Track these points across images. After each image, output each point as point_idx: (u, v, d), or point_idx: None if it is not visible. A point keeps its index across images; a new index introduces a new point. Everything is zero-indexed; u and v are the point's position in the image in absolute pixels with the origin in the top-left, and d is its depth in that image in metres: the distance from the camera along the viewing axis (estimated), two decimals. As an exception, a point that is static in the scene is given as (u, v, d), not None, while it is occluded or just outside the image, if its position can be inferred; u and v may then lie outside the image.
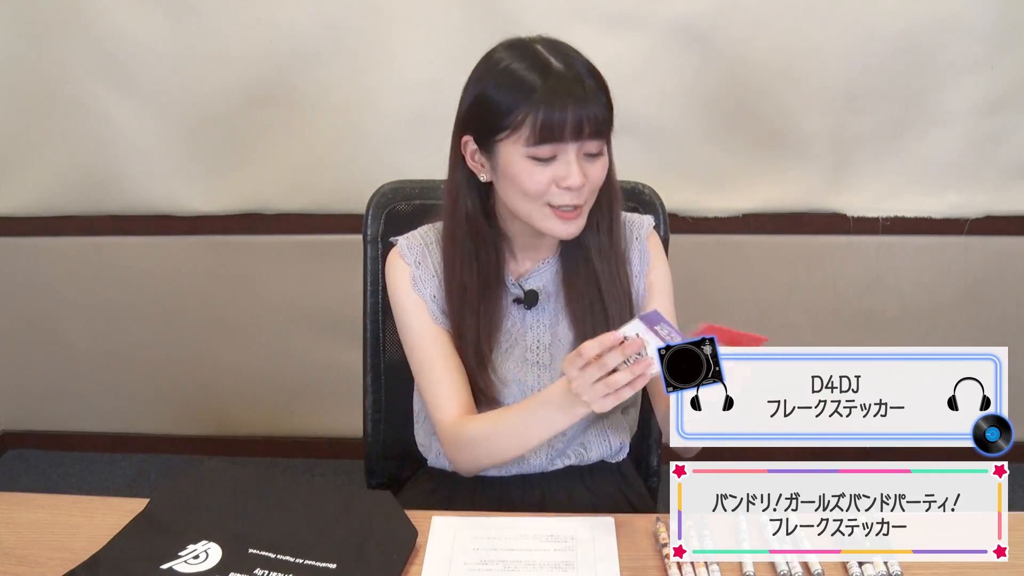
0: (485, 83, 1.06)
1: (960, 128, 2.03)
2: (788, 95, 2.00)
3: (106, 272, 2.29)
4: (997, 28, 1.92)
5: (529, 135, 1.02)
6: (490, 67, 1.07)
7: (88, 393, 2.46)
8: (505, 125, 1.03)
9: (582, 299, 1.16)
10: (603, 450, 1.25)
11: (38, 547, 1.02)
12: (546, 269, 1.18)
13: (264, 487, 1.09)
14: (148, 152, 2.11)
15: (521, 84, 1.02)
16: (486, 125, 1.06)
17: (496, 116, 1.04)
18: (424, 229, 1.22)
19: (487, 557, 1.00)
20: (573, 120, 1.01)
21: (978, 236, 2.13)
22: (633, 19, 1.93)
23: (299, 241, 2.21)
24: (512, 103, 1.02)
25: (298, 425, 2.46)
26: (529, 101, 1.01)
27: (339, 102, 2.04)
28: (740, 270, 2.21)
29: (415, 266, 1.17)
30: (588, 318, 1.16)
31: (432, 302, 1.17)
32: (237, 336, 2.34)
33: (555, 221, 1.08)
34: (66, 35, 1.99)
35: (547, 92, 1.01)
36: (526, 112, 1.02)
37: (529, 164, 1.04)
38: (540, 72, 1.02)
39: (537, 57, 1.04)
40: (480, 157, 1.10)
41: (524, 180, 1.05)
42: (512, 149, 1.04)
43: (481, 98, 1.06)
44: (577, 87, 1.02)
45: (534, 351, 1.18)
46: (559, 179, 1.04)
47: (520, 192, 1.06)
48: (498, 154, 1.06)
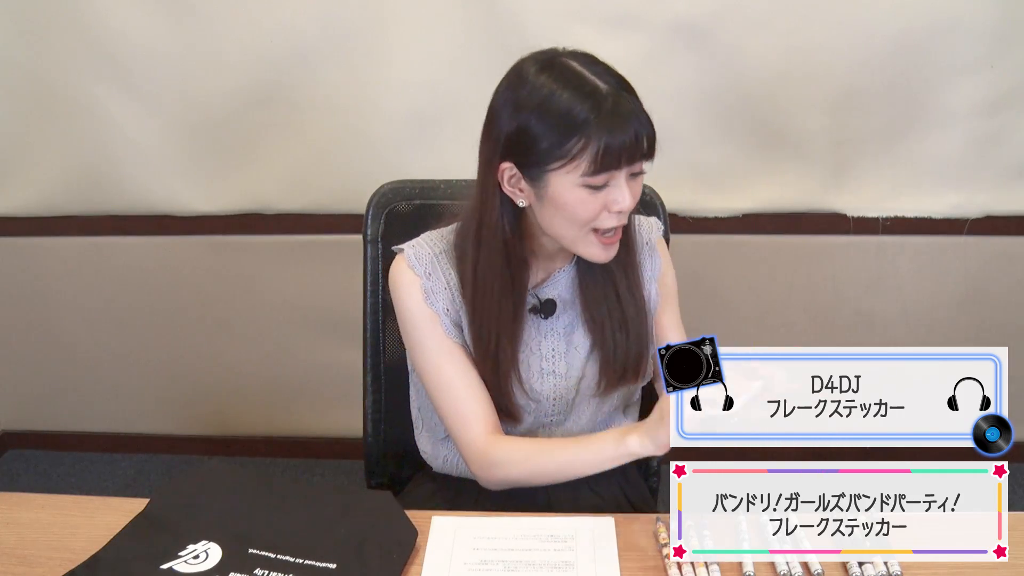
0: (529, 112, 1.00)
1: (960, 128, 2.02)
2: (788, 95, 2.00)
3: (106, 272, 2.29)
4: (997, 28, 1.92)
5: (588, 166, 0.98)
6: (532, 94, 1.00)
7: (88, 393, 2.46)
8: (558, 156, 0.99)
9: (600, 305, 1.15)
10: None
11: (38, 547, 1.02)
12: (562, 277, 1.16)
13: (264, 487, 1.09)
14: (148, 152, 2.11)
15: (574, 114, 0.97)
16: (534, 156, 1.01)
17: (548, 148, 0.99)
18: (430, 237, 1.17)
19: (487, 557, 1.00)
20: (631, 145, 0.98)
21: (978, 236, 2.13)
22: (633, 19, 1.93)
23: (299, 241, 2.21)
24: (566, 134, 0.98)
25: (298, 425, 2.46)
26: (585, 132, 0.97)
27: (339, 102, 2.04)
28: (740, 270, 2.21)
29: (426, 278, 1.13)
30: (607, 324, 1.15)
31: (445, 315, 1.13)
32: (237, 336, 2.34)
33: (598, 247, 1.06)
34: (66, 35, 1.99)
35: (604, 121, 0.97)
36: (583, 143, 0.98)
37: (583, 193, 1.00)
38: (591, 98, 0.98)
39: (581, 80, 0.99)
40: (523, 184, 1.05)
41: (577, 209, 1.01)
42: (565, 179, 1.00)
43: (527, 128, 1.00)
44: (628, 109, 0.98)
45: (549, 360, 1.17)
46: (610, 204, 1.02)
47: (568, 220, 1.03)
48: (547, 184, 1.02)
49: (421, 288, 1.12)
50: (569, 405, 1.19)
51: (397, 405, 1.35)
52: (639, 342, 1.16)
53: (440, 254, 1.14)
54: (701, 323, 2.46)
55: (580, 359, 1.17)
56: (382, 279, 1.32)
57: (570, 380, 1.17)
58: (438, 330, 1.13)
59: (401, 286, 1.14)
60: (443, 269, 1.13)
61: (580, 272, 1.16)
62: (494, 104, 1.05)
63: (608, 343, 1.15)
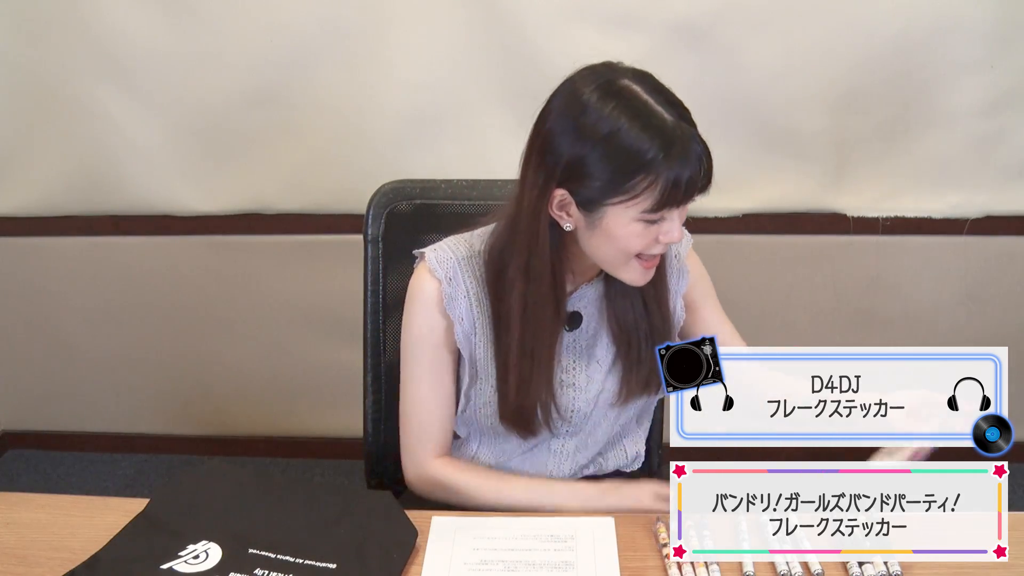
0: (594, 144, 0.96)
1: (960, 128, 2.02)
2: (788, 95, 2.00)
3: (106, 272, 2.29)
4: (997, 28, 1.92)
5: (650, 203, 0.96)
6: (597, 125, 0.96)
7: (88, 393, 2.46)
8: (621, 191, 0.96)
9: (626, 318, 1.14)
10: (619, 460, 1.26)
11: (38, 547, 1.02)
12: (589, 290, 1.14)
13: (264, 487, 1.09)
14: (148, 152, 2.11)
15: (643, 152, 0.94)
16: (594, 188, 0.98)
17: (611, 183, 0.96)
18: (453, 242, 1.14)
19: (487, 557, 1.00)
20: (695, 181, 0.97)
21: (978, 236, 2.13)
22: (633, 19, 1.93)
23: (299, 241, 2.21)
24: (632, 171, 0.95)
25: (298, 425, 2.46)
26: (653, 170, 0.95)
27: (339, 102, 2.04)
28: (740, 270, 2.21)
29: (446, 283, 1.11)
30: (633, 335, 1.14)
31: (459, 324, 1.11)
32: (237, 336, 2.34)
33: (639, 272, 1.05)
34: (66, 35, 1.99)
35: (673, 159, 0.94)
36: (649, 181, 0.95)
37: (638, 227, 0.99)
38: (660, 135, 0.94)
39: (649, 112, 0.95)
40: (572, 210, 1.01)
41: (630, 242, 1.00)
42: (623, 213, 0.98)
43: (590, 160, 0.97)
44: (695, 145, 0.96)
45: (569, 372, 1.16)
46: (661, 235, 1.01)
47: (616, 249, 1.02)
48: (602, 216, 0.99)
49: (438, 292, 1.11)
50: (585, 418, 1.18)
51: (397, 405, 1.35)
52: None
53: (462, 260, 1.12)
54: (701, 323, 2.43)
55: (600, 372, 1.16)
56: (382, 279, 1.32)
57: (589, 393, 1.17)
58: (446, 337, 1.13)
59: (418, 293, 1.13)
60: (464, 276, 1.11)
61: (608, 284, 1.14)
62: (550, 127, 1.00)
63: (633, 355, 1.14)
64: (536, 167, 1.02)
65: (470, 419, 1.19)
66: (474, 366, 1.14)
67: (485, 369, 1.14)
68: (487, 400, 1.15)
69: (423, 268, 1.13)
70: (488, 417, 1.16)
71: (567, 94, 1.00)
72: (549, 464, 1.21)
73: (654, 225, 1.00)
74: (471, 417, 1.18)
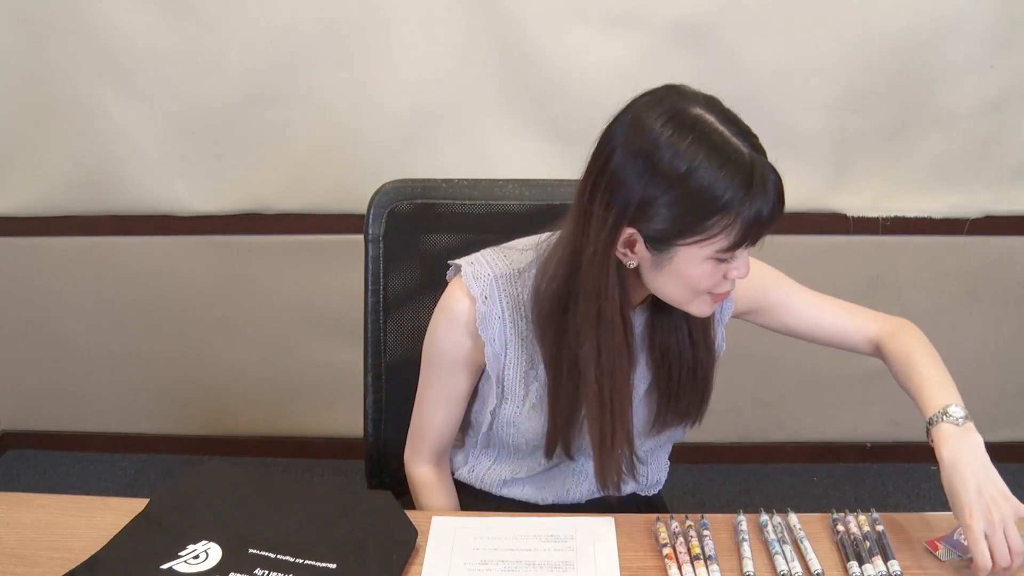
0: (670, 183, 0.90)
1: (960, 128, 2.02)
2: (788, 95, 2.00)
3: (106, 272, 2.29)
4: (997, 28, 1.92)
5: (726, 243, 0.91)
6: (673, 163, 0.89)
7: (88, 393, 2.46)
8: (696, 232, 0.91)
9: (669, 347, 1.09)
10: (640, 480, 1.24)
11: (38, 547, 1.02)
12: (634, 318, 1.08)
13: (264, 487, 1.09)
14: (148, 152, 2.11)
15: (723, 192, 0.89)
16: (670, 227, 0.92)
17: (687, 223, 0.91)
18: (491, 256, 1.09)
19: (487, 557, 1.00)
20: (773, 214, 0.91)
21: (978, 236, 2.13)
22: (633, 19, 1.93)
23: (299, 241, 2.21)
24: (710, 212, 0.90)
25: (298, 425, 2.46)
26: (732, 210, 0.89)
27: (339, 102, 2.04)
28: (740, 270, 2.21)
29: (481, 301, 1.06)
30: (675, 365, 1.09)
31: (491, 345, 1.07)
32: (237, 336, 2.34)
33: (707, 306, 1.00)
34: (66, 35, 1.99)
35: (753, 198, 0.89)
36: (727, 221, 0.90)
37: (710, 265, 0.94)
38: (739, 173, 0.89)
39: (726, 147, 0.89)
40: (639, 247, 0.96)
41: (701, 282, 0.96)
42: (696, 252, 0.93)
43: (665, 200, 0.91)
44: (769, 187, 0.90)
45: None
46: (729, 272, 0.96)
47: (687, 288, 0.97)
48: (673, 255, 0.94)
49: (472, 312, 1.06)
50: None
51: (397, 405, 1.35)
52: (704, 385, 1.12)
53: (500, 277, 1.07)
54: (701, 323, 2.43)
55: (634, 400, 1.11)
56: (383, 279, 1.32)
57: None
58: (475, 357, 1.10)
59: (449, 308, 1.09)
60: (500, 295, 1.07)
61: (655, 313, 1.09)
62: (618, 163, 0.92)
63: (673, 385, 1.10)
64: (605, 206, 0.94)
65: (494, 437, 1.17)
66: (501, 386, 1.11)
67: (513, 391, 1.11)
68: (512, 420, 1.12)
69: (458, 283, 1.08)
70: (511, 436, 1.14)
71: (634, 126, 0.92)
72: (568, 484, 1.20)
73: (724, 263, 0.95)
74: (495, 435, 1.16)
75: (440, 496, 1.19)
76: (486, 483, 1.22)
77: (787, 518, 1.06)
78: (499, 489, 1.22)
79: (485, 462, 1.22)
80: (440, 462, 1.21)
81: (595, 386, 1.02)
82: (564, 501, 1.21)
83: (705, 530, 1.04)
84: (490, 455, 1.21)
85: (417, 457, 1.20)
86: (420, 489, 1.19)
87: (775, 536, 1.02)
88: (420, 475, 1.20)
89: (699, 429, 1.20)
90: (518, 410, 1.11)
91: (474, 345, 1.09)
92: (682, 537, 1.02)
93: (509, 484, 1.21)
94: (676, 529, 1.03)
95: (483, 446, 1.21)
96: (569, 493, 1.21)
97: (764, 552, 1.01)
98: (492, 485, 1.22)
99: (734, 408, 2.33)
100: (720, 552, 1.01)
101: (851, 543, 1.01)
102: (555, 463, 1.18)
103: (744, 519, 1.06)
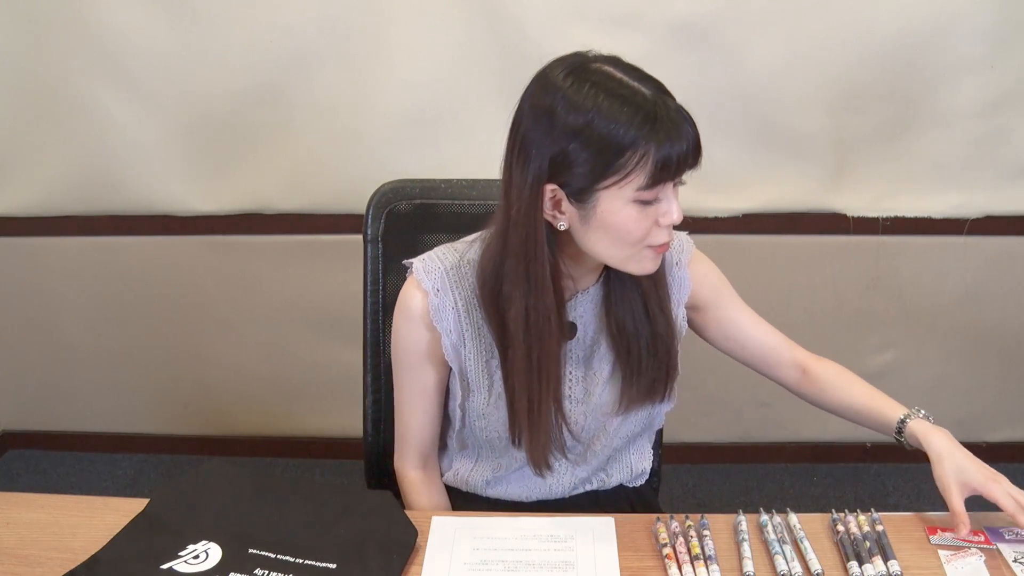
0: (576, 130, 0.92)
1: (960, 128, 2.02)
2: (788, 95, 2.00)
3: (106, 272, 2.29)
4: (997, 28, 1.92)
5: (644, 180, 0.92)
6: (575, 109, 0.92)
7: (88, 393, 2.46)
8: (612, 172, 0.92)
9: (625, 323, 1.09)
10: (624, 475, 1.25)
11: (38, 547, 1.02)
12: (585, 299, 1.11)
13: (264, 487, 1.09)
14: (148, 152, 2.11)
15: (629, 127, 0.90)
16: (584, 176, 0.94)
17: (600, 165, 0.92)
18: (442, 251, 1.11)
19: (487, 557, 1.00)
20: (686, 152, 0.93)
21: (978, 236, 2.13)
22: (633, 19, 1.93)
23: (299, 241, 2.21)
24: (620, 149, 0.91)
25: (298, 425, 2.46)
26: (642, 144, 0.91)
27: (339, 102, 2.04)
28: (740, 270, 2.20)
29: (433, 293, 1.08)
30: (634, 343, 1.10)
31: (447, 336, 1.09)
32: (237, 336, 2.34)
33: (649, 261, 1.00)
34: (66, 35, 1.99)
35: (660, 130, 0.91)
36: (639, 156, 0.91)
37: (634, 209, 0.94)
38: (642, 108, 0.91)
39: (625, 88, 0.92)
40: (564, 206, 0.97)
41: (630, 227, 0.95)
42: (616, 196, 0.94)
43: (575, 148, 0.93)
44: (680, 115, 0.93)
45: (568, 385, 1.13)
46: (660, 218, 0.96)
47: (620, 239, 0.97)
48: (596, 204, 0.95)
49: (426, 305, 1.08)
50: (582, 430, 1.16)
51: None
52: (667, 360, 1.12)
53: (451, 270, 1.09)
54: (701, 323, 2.43)
55: (598, 383, 1.13)
56: (382, 279, 1.32)
57: (587, 405, 1.14)
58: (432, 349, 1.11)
59: (404, 305, 1.11)
60: (451, 287, 1.09)
61: (608, 290, 1.10)
62: (527, 127, 0.96)
63: (633, 362, 1.10)
64: (522, 169, 0.97)
65: (469, 434, 1.17)
66: (465, 378, 1.12)
67: (477, 382, 1.12)
68: (481, 413, 1.13)
69: (411, 280, 1.11)
70: (483, 430, 1.14)
71: (538, 86, 0.96)
72: (549, 479, 1.20)
73: (650, 208, 0.95)
74: (470, 432, 1.16)
75: (429, 498, 1.19)
76: (471, 485, 1.23)
77: (787, 518, 1.06)
78: (484, 490, 1.22)
79: (467, 464, 1.22)
80: (427, 465, 1.22)
81: (523, 348, 1.03)
82: (549, 497, 1.22)
83: (705, 530, 1.04)
84: (470, 456, 1.22)
85: (404, 462, 1.21)
86: (410, 492, 1.20)
87: (775, 536, 1.02)
88: (409, 479, 1.20)
89: (699, 429, 1.20)
90: (485, 401, 1.12)
91: (432, 337, 1.10)
92: (682, 537, 1.02)
93: (493, 484, 1.22)
94: (676, 529, 1.03)
95: (460, 447, 1.21)
96: (552, 489, 1.21)
97: (764, 552, 1.01)
98: (477, 486, 1.22)
99: (734, 408, 2.34)
100: (720, 552, 1.01)
101: (851, 543, 1.01)
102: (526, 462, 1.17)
103: (744, 519, 1.06)
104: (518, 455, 1.15)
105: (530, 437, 1.08)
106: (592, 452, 1.19)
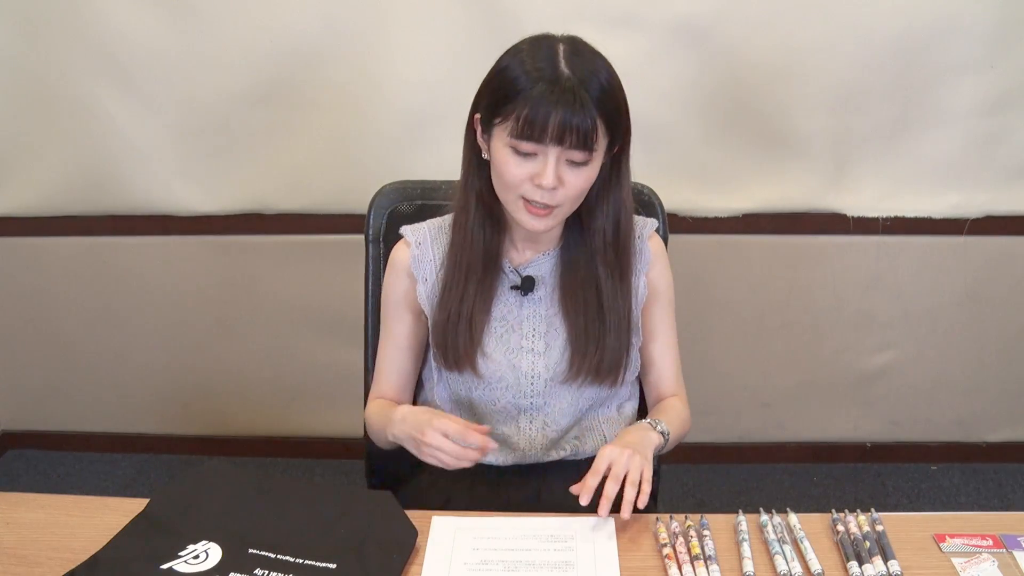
0: (499, 68, 1.09)
1: (960, 128, 2.03)
2: (788, 95, 2.00)
3: (106, 272, 2.29)
4: (997, 28, 1.92)
5: (513, 128, 1.05)
6: (504, 56, 1.10)
7: (88, 393, 2.46)
8: (500, 112, 1.07)
9: (576, 295, 1.19)
10: (597, 443, 1.26)
11: (38, 547, 1.02)
12: (545, 261, 1.22)
13: (264, 487, 1.09)
14: (148, 152, 2.11)
15: (521, 78, 1.05)
16: (489, 108, 1.09)
17: (496, 102, 1.08)
18: (434, 220, 1.26)
19: (487, 557, 1.00)
20: (555, 125, 1.03)
21: (978, 236, 2.14)
22: (633, 19, 1.93)
23: (299, 241, 2.21)
24: (510, 93, 1.06)
25: (298, 425, 2.46)
26: (521, 96, 1.04)
27: (339, 102, 2.04)
28: (740, 270, 2.21)
29: (415, 246, 1.22)
30: (581, 313, 1.19)
31: (423, 283, 1.21)
32: (237, 336, 2.34)
33: (525, 215, 1.11)
34: (66, 35, 1.99)
35: (538, 92, 1.03)
36: (517, 106, 1.04)
37: (510, 154, 1.07)
38: (542, 71, 1.04)
39: (550, 57, 1.06)
40: (482, 136, 1.13)
41: (503, 168, 1.08)
42: (500, 135, 1.08)
43: (490, 81, 1.10)
44: (569, 95, 1.03)
45: (529, 338, 1.21)
46: (534, 176, 1.07)
47: (499, 179, 1.11)
48: (492, 137, 1.10)
49: (409, 256, 1.21)
50: (546, 386, 1.21)
51: (397, 405, 1.35)
52: (618, 344, 1.19)
53: (434, 230, 1.23)
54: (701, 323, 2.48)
55: (559, 341, 1.20)
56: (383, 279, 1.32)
57: (549, 359, 1.20)
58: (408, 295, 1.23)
59: (392, 260, 1.25)
60: (432, 243, 1.22)
61: (563, 259, 1.21)
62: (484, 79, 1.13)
63: (582, 334, 1.18)
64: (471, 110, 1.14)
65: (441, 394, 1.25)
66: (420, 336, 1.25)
67: None
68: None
69: (400, 241, 1.24)
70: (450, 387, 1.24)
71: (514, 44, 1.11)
72: (521, 442, 1.24)
73: (527, 161, 1.07)
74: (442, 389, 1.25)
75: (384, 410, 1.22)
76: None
77: (787, 518, 1.06)
78: None
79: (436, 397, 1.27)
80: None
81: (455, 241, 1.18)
82: (523, 461, 1.25)
83: (705, 530, 1.04)
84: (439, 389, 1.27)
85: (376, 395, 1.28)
86: (368, 418, 1.27)
87: (775, 536, 1.02)
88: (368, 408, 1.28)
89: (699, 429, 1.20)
90: None
91: (410, 285, 1.23)
92: (682, 537, 1.02)
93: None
94: (676, 529, 1.04)
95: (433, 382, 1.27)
96: (523, 452, 1.24)
97: (764, 552, 1.01)
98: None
99: (734, 408, 2.34)
100: (720, 552, 1.01)
101: (851, 543, 1.01)
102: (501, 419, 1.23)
103: (744, 519, 1.06)
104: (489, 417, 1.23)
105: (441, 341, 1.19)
106: (560, 414, 1.23)
